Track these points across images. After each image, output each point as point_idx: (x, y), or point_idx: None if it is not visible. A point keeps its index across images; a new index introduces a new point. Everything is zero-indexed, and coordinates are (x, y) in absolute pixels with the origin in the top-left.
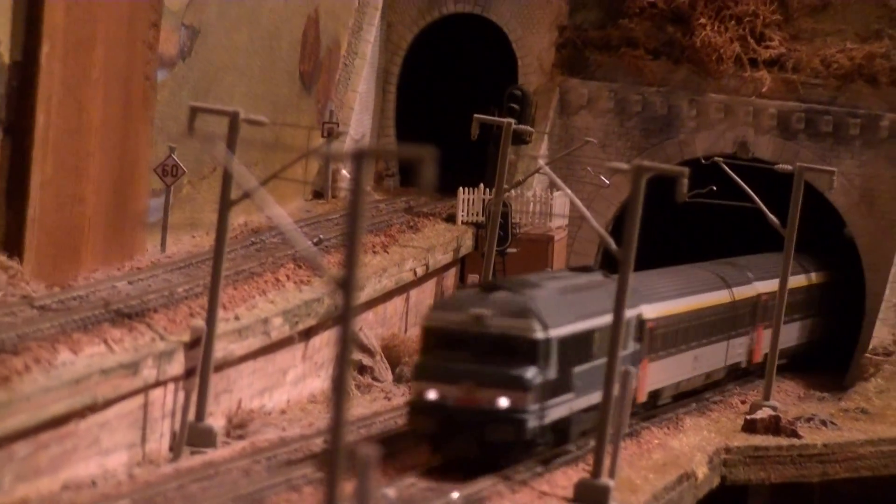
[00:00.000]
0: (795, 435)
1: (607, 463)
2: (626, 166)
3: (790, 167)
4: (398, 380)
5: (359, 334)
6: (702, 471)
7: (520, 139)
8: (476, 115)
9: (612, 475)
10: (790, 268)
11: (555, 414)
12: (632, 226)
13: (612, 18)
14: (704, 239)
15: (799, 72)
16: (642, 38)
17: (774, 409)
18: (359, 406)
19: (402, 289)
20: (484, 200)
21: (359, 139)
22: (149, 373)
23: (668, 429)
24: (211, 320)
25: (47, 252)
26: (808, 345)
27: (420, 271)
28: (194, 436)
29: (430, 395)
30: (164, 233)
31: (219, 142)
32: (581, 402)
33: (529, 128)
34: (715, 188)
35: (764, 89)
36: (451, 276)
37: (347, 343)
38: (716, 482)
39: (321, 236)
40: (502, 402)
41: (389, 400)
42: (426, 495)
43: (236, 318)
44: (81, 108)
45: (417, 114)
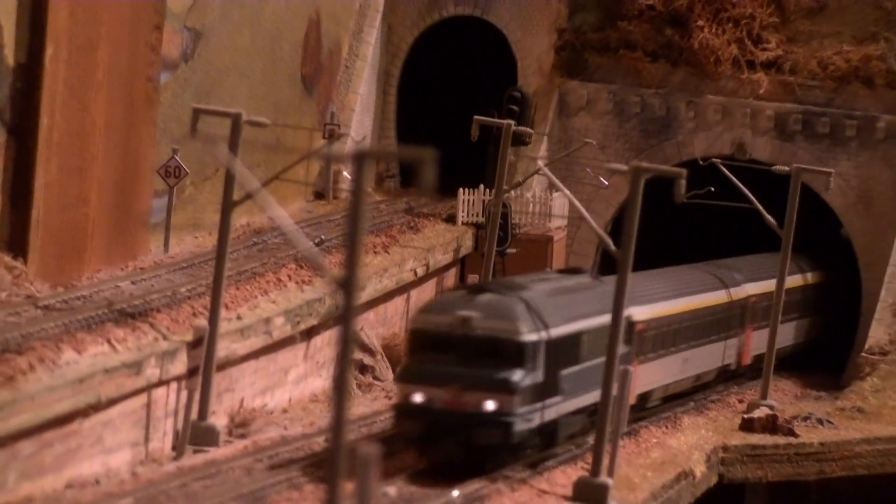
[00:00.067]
0: (792, 434)
1: (606, 461)
2: (624, 167)
3: (787, 168)
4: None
5: (360, 334)
6: (699, 469)
7: (519, 140)
8: (476, 117)
9: (611, 474)
10: (786, 268)
11: (542, 417)
12: (630, 226)
13: (611, 21)
14: (702, 239)
15: (796, 74)
16: (641, 40)
17: (771, 408)
18: (360, 405)
19: (402, 289)
20: (484, 201)
21: (360, 141)
22: (152, 372)
23: (667, 428)
24: (213, 320)
25: (51, 252)
26: (802, 345)
27: (420, 271)
28: (197, 434)
29: (417, 398)
30: (167, 233)
31: (221, 143)
32: (569, 404)
33: (529, 129)
34: (713, 189)
35: (761, 91)
36: (451, 277)
37: (348, 343)
38: (713, 480)
39: (322, 237)
40: (489, 406)
41: (390, 399)
42: (426, 493)
43: (238, 318)
44: (85, 109)
45: (418, 115)
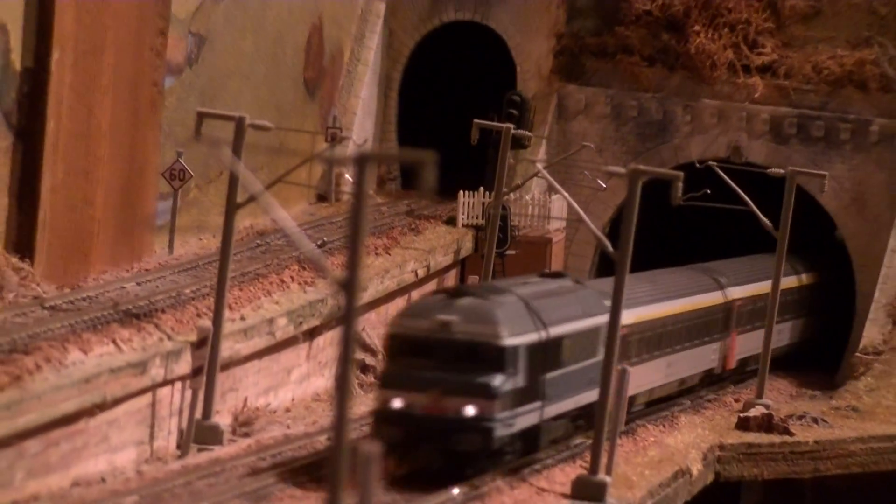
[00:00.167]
0: (788, 432)
1: (604, 460)
2: (622, 170)
3: (782, 171)
4: None
5: (362, 334)
6: (696, 467)
7: (519, 144)
8: (476, 121)
9: (609, 472)
10: (781, 269)
11: (523, 422)
12: (628, 228)
13: (609, 26)
14: (699, 241)
15: (791, 78)
16: (638, 45)
17: (767, 407)
18: (361, 404)
19: (403, 290)
20: (483, 203)
21: (361, 144)
22: (157, 372)
23: (664, 426)
24: (217, 321)
25: (58, 254)
26: (794, 346)
27: (421, 273)
28: (201, 433)
29: (396, 403)
30: (171, 235)
31: (225, 146)
32: (551, 409)
33: (528, 133)
34: (709, 192)
35: (757, 95)
36: (451, 278)
37: (350, 343)
38: (710, 478)
39: (325, 238)
40: (469, 411)
41: None
42: (426, 490)
43: (242, 319)
44: (91, 113)
45: (419, 119)
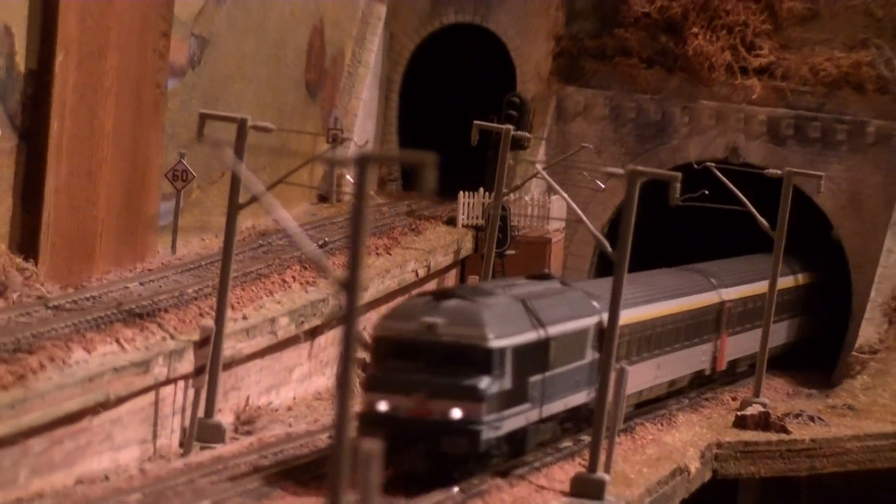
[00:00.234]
0: (784, 430)
1: (603, 458)
2: (620, 171)
3: (779, 172)
4: None
5: (363, 333)
6: (694, 465)
7: (518, 145)
8: (476, 122)
9: (608, 469)
10: (778, 269)
11: (510, 425)
12: (626, 228)
13: (608, 28)
14: (697, 241)
15: (788, 79)
16: (636, 47)
17: (764, 405)
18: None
19: (404, 289)
20: (483, 204)
21: (362, 145)
22: (160, 371)
23: (662, 425)
24: (220, 320)
25: (62, 254)
26: (788, 346)
27: (422, 272)
28: (203, 431)
29: (381, 406)
30: (174, 235)
31: (227, 148)
32: (538, 412)
33: (527, 134)
34: (707, 192)
35: (754, 96)
36: (451, 278)
37: (352, 342)
38: (707, 476)
39: (326, 239)
40: (455, 414)
41: None
42: (425, 488)
43: (244, 318)
44: (94, 115)
45: (419, 120)
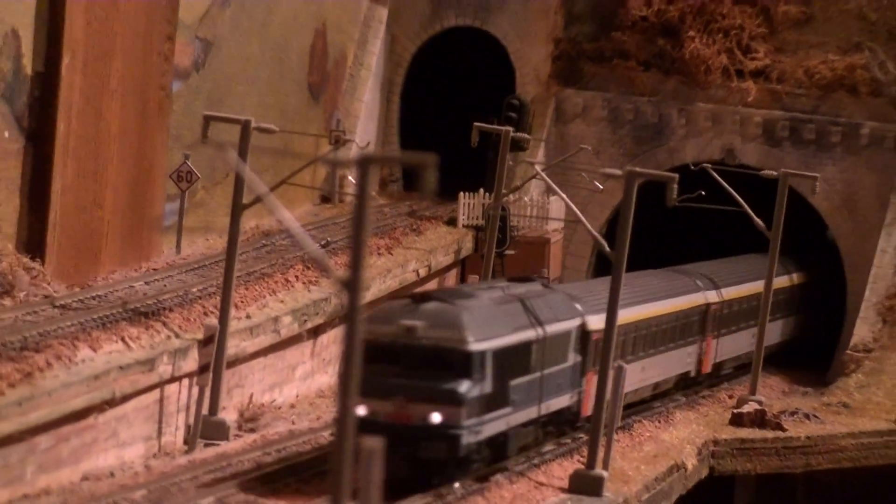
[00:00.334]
0: (780, 428)
1: (601, 455)
2: (618, 172)
3: (775, 173)
4: None
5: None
6: (691, 462)
7: (518, 146)
8: (476, 124)
9: (606, 466)
10: (774, 269)
11: (491, 429)
12: (624, 229)
13: (606, 31)
14: (695, 242)
15: (783, 82)
16: (634, 50)
17: (760, 403)
18: None
19: (405, 289)
20: (483, 205)
21: (364, 146)
22: (164, 369)
23: (659, 422)
24: (224, 319)
25: (68, 254)
26: (780, 345)
27: (423, 272)
28: (208, 429)
29: (360, 410)
30: (179, 236)
31: (231, 149)
32: (519, 416)
33: (527, 135)
34: (703, 193)
35: (750, 99)
36: (452, 277)
37: (354, 340)
38: (704, 473)
39: (328, 239)
40: (435, 418)
41: None
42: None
43: (248, 317)
44: (100, 116)
45: (420, 122)
